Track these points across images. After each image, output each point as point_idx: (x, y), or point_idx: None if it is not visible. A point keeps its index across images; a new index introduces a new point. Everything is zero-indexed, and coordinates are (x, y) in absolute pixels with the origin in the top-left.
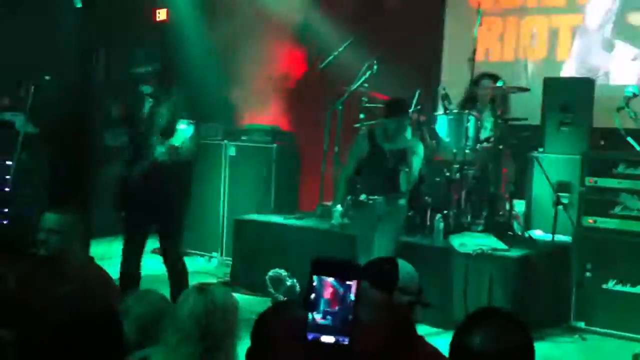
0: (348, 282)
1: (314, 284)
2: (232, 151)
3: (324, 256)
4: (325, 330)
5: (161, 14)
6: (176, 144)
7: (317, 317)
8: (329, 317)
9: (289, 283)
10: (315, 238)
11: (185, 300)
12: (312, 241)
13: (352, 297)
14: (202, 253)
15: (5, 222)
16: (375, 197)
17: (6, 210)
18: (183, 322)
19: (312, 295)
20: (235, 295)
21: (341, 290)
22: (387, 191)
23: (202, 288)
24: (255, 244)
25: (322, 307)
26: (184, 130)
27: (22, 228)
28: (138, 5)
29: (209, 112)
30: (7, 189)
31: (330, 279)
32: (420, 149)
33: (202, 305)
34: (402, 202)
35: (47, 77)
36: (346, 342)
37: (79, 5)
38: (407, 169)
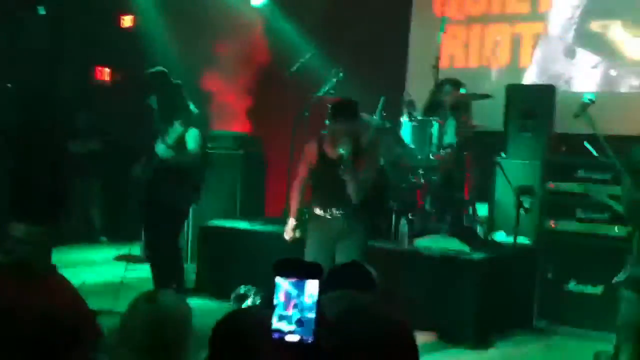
0: (310, 281)
1: (277, 285)
2: None
3: (286, 258)
4: (290, 329)
5: (126, 21)
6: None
7: (281, 316)
8: (291, 316)
9: (250, 300)
10: (282, 244)
11: (133, 309)
12: (279, 247)
13: (315, 295)
14: None
15: None
16: (335, 211)
17: None
18: (132, 332)
19: (275, 297)
20: (201, 302)
21: (299, 290)
22: (344, 205)
23: (152, 297)
24: (221, 251)
25: (282, 307)
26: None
27: None
28: (103, 12)
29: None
30: None
31: (291, 280)
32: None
33: (151, 315)
34: (364, 217)
35: (8, 85)
36: (310, 341)
37: (43, 12)
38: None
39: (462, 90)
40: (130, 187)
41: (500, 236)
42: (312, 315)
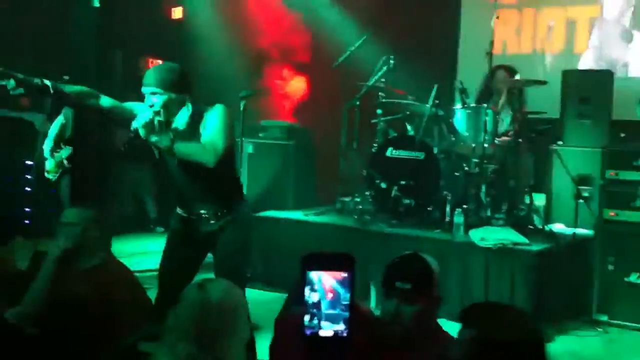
0: (342, 274)
1: (308, 279)
2: (249, 149)
3: (315, 251)
4: (324, 324)
5: (176, 12)
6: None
7: (313, 312)
8: (323, 311)
9: None
10: (335, 234)
11: (183, 297)
12: (332, 237)
13: (348, 288)
14: None
15: (27, 222)
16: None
17: (28, 209)
18: (181, 319)
19: (306, 291)
20: (254, 291)
21: (334, 283)
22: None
23: (201, 285)
24: (274, 241)
25: (315, 301)
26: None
27: (45, 228)
28: (154, 3)
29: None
30: (28, 189)
31: (323, 273)
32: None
33: (198, 303)
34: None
35: (65, 77)
36: (345, 335)
37: (97, 4)
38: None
39: (517, 77)
40: None
41: (558, 227)
42: (345, 308)
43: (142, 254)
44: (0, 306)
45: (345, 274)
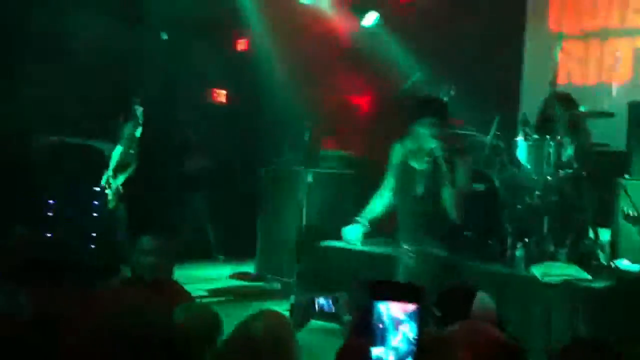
0: (411, 307)
1: (375, 309)
2: (310, 178)
3: (383, 280)
4: (391, 358)
5: (242, 44)
6: None
7: (380, 344)
8: (391, 344)
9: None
10: (392, 264)
11: (238, 327)
12: (389, 267)
13: (416, 321)
14: (280, 278)
15: (93, 246)
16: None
17: (94, 234)
18: (234, 349)
19: (374, 325)
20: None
21: (402, 316)
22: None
23: (256, 316)
24: (333, 270)
25: (382, 333)
26: None
27: (112, 253)
28: (219, 36)
29: (289, 139)
30: (95, 215)
31: (391, 304)
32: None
33: (252, 334)
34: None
35: (139, 107)
36: None
37: (165, 37)
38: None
39: (582, 108)
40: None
41: (624, 263)
42: (413, 342)
43: (205, 280)
44: None
45: (414, 306)
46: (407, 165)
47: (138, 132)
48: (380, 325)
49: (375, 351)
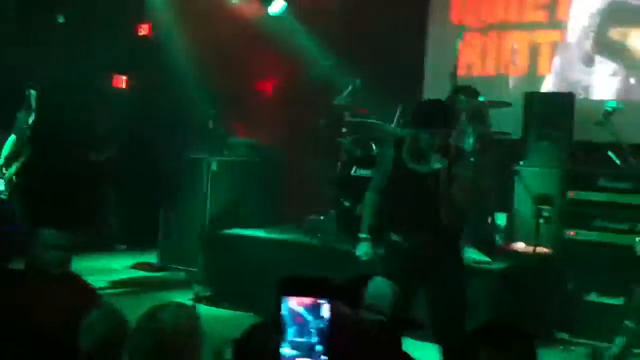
0: (320, 301)
1: (283, 305)
2: (214, 166)
3: (293, 274)
4: (287, 351)
5: (144, 29)
6: None
7: (290, 341)
8: (300, 340)
9: None
10: (297, 252)
11: (135, 327)
12: (298, 256)
13: (327, 318)
14: (184, 268)
15: None
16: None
17: None
18: (137, 346)
19: (282, 319)
20: (220, 310)
21: (309, 312)
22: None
23: (153, 310)
24: (239, 259)
25: (293, 330)
26: None
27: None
28: (121, 20)
29: (193, 126)
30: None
31: (291, 299)
32: None
33: (152, 337)
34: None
35: (31, 91)
36: None
37: (62, 20)
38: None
39: (480, 99)
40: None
41: (519, 246)
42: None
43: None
44: None
45: (324, 303)
46: (404, 168)
47: (31, 118)
48: (291, 323)
49: (286, 350)
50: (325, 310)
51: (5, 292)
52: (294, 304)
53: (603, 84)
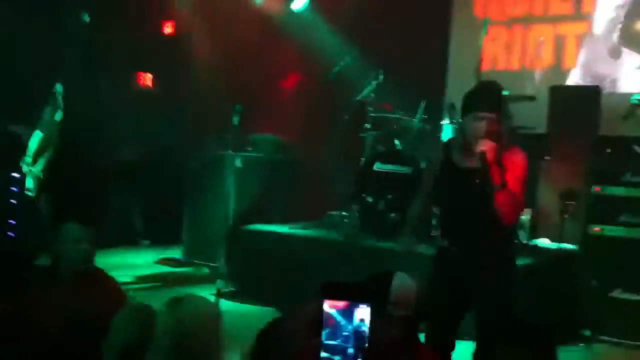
0: (361, 307)
1: (324, 309)
2: (238, 163)
3: (335, 280)
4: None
5: (169, 27)
6: None
7: (327, 345)
8: (333, 342)
9: None
10: (324, 248)
11: (159, 317)
12: (322, 252)
13: (366, 323)
14: (208, 263)
15: (12, 234)
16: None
17: (12, 222)
18: (158, 339)
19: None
20: (243, 305)
21: (347, 318)
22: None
23: (174, 302)
24: (262, 255)
25: (331, 334)
26: None
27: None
28: (146, 19)
29: (217, 123)
30: (13, 201)
31: (331, 306)
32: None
33: (173, 321)
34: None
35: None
36: None
37: (87, 19)
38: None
39: (504, 93)
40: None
41: (543, 241)
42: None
43: (130, 267)
44: None
45: (363, 308)
46: (452, 164)
47: (58, 115)
48: (329, 327)
49: (323, 352)
50: (363, 314)
51: (32, 289)
52: (327, 306)
53: (630, 76)
